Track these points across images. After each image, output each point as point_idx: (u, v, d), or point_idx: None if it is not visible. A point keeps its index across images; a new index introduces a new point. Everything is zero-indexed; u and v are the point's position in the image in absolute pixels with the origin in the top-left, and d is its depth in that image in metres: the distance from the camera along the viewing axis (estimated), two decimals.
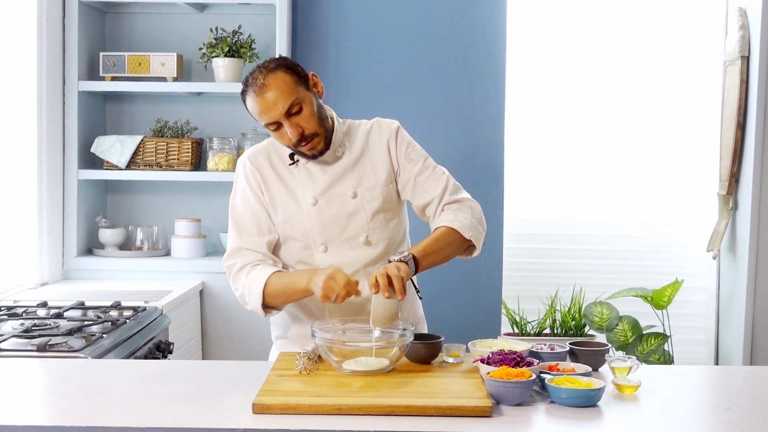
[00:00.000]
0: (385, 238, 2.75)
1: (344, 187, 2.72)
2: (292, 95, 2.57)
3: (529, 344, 2.51)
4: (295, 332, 2.80)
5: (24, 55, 3.94)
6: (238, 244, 2.72)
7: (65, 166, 4.26)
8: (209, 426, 2.00)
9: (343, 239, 2.71)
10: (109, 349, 2.88)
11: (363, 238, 2.72)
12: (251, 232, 2.72)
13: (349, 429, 1.98)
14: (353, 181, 2.72)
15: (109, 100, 4.61)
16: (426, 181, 2.78)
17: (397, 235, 2.80)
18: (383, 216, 2.74)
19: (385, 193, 2.75)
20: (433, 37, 4.57)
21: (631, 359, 2.35)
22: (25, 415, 2.13)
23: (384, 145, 2.77)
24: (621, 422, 2.09)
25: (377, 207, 2.73)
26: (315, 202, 2.70)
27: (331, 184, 2.71)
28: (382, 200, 2.73)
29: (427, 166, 2.80)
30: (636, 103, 5.03)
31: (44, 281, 4.06)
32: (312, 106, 2.61)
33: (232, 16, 4.50)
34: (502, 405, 2.16)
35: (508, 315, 4.85)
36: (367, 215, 2.72)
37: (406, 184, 2.78)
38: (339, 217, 2.70)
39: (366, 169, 2.74)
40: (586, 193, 5.07)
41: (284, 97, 2.56)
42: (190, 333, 4.02)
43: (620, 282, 4.93)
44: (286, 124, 2.58)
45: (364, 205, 2.72)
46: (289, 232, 2.72)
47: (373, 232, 2.73)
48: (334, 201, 2.70)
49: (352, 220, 2.71)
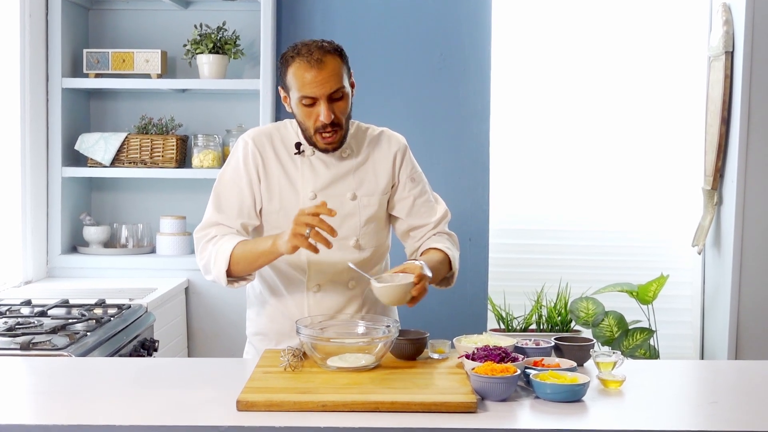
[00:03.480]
0: (374, 245, 2.77)
1: (344, 188, 2.73)
2: (340, 81, 2.62)
3: (515, 340, 2.51)
4: (270, 329, 2.80)
5: (6, 52, 3.92)
6: (215, 219, 2.73)
7: (49, 164, 4.24)
8: (194, 424, 1.99)
9: (334, 240, 2.67)
10: (94, 347, 2.87)
11: (353, 241, 2.73)
12: (231, 211, 2.72)
13: (334, 426, 1.98)
14: (354, 183, 2.74)
15: (93, 97, 4.59)
16: (424, 205, 2.84)
17: (383, 245, 2.83)
18: (375, 224, 2.77)
19: (382, 202, 2.77)
20: (418, 33, 4.57)
21: (616, 354, 2.36)
22: (9, 414, 2.12)
23: (390, 157, 2.80)
24: (606, 417, 2.09)
25: (372, 214, 2.75)
26: (314, 196, 2.70)
27: (332, 181, 2.73)
28: (377, 208, 2.76)
29: (428, 191, 2.88)
30: (621, 98, 5.04)
31: (28, 279, 4.04)
32: (348, 100, 2.67)
33: (216, 13, 4.49)
34: (487, 400, 2.16)
35: (494, 311, 4.85)
36: (362, 220, 2.74)
37: (402, 202, 2.81)
38: (335, 217, 2.66)
39: (368, 174, 2.76)
40: (572, 188, 5.07)
41: (336, 79, 2.61)
42: (176, 330, 4.01)
43: (606, 277, 4.94)
44: (324, 105, 2.61)
45: (360, 209, 2.73)
46: (282, 223, 2.70)
47: (363, 237, 2.74)
48: (332, 199, 2.69)
49: (346, 222, 2.71)
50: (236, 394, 2.13)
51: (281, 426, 1.97)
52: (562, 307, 4.82)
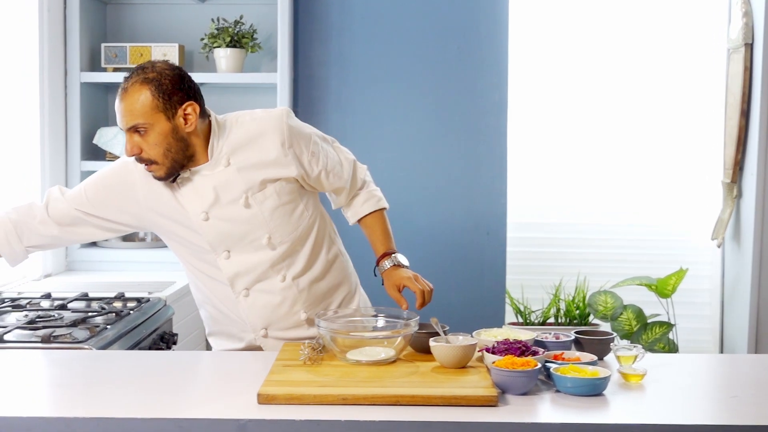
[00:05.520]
0: (290, 232, 2.65)
1: (233, 194, 2.60)
2: (140, 117, 2.49)
3: (534, 333, 2.51)
4: (218, 330, 2.80)
5: (26, 47, 3.93)
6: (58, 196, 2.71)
7: (68, 158, 4.25)
8: (215, 417, 1.99)
9: (245, 243, 2.63)
10: (114, 341, 2.88)
11: (265, 239, 2.63)
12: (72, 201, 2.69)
13: (354, 419, 1.98)
14: (241, 185, 2.60)
15: (111, 91, 4.59)
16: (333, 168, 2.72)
17: (303, 223, 2.69)
18: (282, 210, 2.64)
19: (278, 189, 2.62)
20: (435, 26, 4.56)
21: (637, 348, 2.35)
22: (30, 406, 2.13)
23: (276, 145, 2.61)
24: (627, 411, 2.08)
25: (273, 204, 2.62)
26: (206, 216, 2.60)
27: (217, 193, 2.60)
28: (276, 196, 2.62)
29: (327, 149, 2.72)
30: (639, 91, 5.01)
31: (48, 273, 4.06)
32: (160, 136, 2.50)
33: (233, 6, 4.48)
34: (508, 394, 2.15)
35: (512, 304, 4.84)
36: (265, 215, 2.62)
37: (317, 180, 2.70)
38: (235, 226, 2.61)
39: (254, 171, 2.60)
40: (590, 181, 5.05)
41: (132, 115, 2.49)
42: (194, 324, 4.01)
43: (625, 271, 4.92)
44: (126, 138, 2.53)
45: (258, 207, 2.61)
46: (187, 244, 2.66)
47: (275, 231, 2.63)
48: (226, 210, 2.60)
49: (249, 225, 2.61)
50: (255, 388, 2.14)
51: (302, 419, 1.97)
52: (580, 300, 4.80)
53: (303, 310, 2.69)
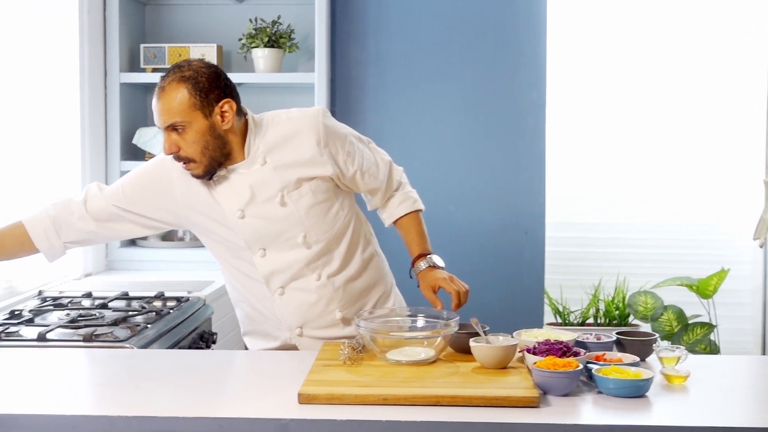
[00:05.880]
0: (325, 231, 2.65)
1: (269, 192, 2.60)
2: (178, 116, 2.50)
3: (575, 334, 2.49)
4: (254, 329, 2.80)
5: (66, 48, 3.96)
6: (97, 192, 2.72)
7: (107, 158, 4.29)
8: (256, 416, 1.99)
9: (281, 242, 2.63)
10: (154, 340, 2.89)
11: (301, 237, 2.63)
12: (110, 197, 2.70)
13: (395, 419, 1.97)
14: (277, 184, 2.60)
15: (150, 91, 4.62)
16: (369, 169, 2.72)
17: (339, 222, 2.68)
18: (318, 209, 2.64)
19: (314, 187, 2.63)
20: (473, 24, 4.54)
21: (680, 349, 2.32)
22: (75, 404, 2.15)
23: (312, 143, 2.61)
24: (670, 413, 2.06)
25: (309, 203, 2.62)
26: (242, 215, 2.61)
27: (254, 191, 2.60)
28: (312, 195, 2.62)
29: (363, 149, 2.73)
30: (680, 89, 4.97)
31: (88, 272, 4.09)
32: (198, 134, 2.51)
33: (271, 7, 4.49)
34: (549, 395, 2.13)
35: (551, 304, 4.81)
36: (300, 214, 2.62)
37: (352, 181, 2.70)
38: (272, 224, 2.61)
39: (289, 169, 2.60)
40: (629, 180, 5.01)
41: (170, 113, 2.50)
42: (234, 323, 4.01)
43: (665, 271, 4.88)
44: (164, 136, 2.54)
45: (294, 205, 2.61)
46: (224, 242, 2.67)
47: (311, 229, 2.62)
48: (262, 209, 2.61)
49: (285, 223, 2.61)
50: (294, 387, 2.14)
51: (343, 419, 1.97)
52: (620, 301, 4.77)
53: (338, 309, 2.69)
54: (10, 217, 3.29)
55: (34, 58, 3.68)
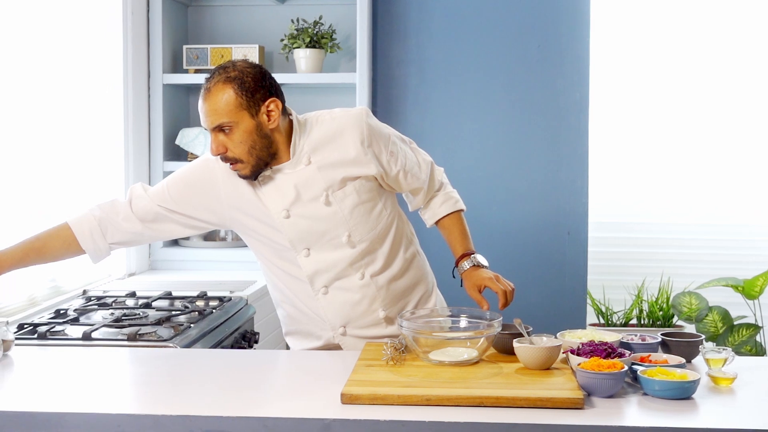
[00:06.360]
0: (369, 231, 2.66)
1: (314, 192, 2.61)
2: (225, 116, 2.51)
3: (620, 335, 2.46)
4: (297, 329, 2.80)
5: (110, 49, 4.00)
6: (141, 193, 2.74)
7: (151, 159, 4.32)
8: (298, 416, 2.00)
9: (325, 241, 2.63)
10: (197, 339, 2.91)
11: (345, 237, 2.63)
12: (155, 197, 2.72)
13: (438, 420, 1.96)
14: (322, 184, 2.61)
15: (193, 92, 4.66)
16: (411, 169, 2.73)
17: (382, 222, 2.69)
18: (362, 208, 2.65)
19: (358, 187, 2.63)
20: (515, 23, 4.52)
21: (726, 350, 2.29)
22: (120, 403, 2.17)
23: (357, 143, 2.62)
24: (717, 415, 2.03)
25: (353, 202, 2.63)
26: (287, 215, 2.61)
27: (298, 191, 2.61)
28: (356, 195, 2.63)
29: (405, 150, 2.74)
30: (725, 88, 4.91)
31: (132, 272, 4.13)
32: (245, 134, 2.52)
33: (313, 7, 4.50)
34: (594, 397, 2.12)
35: (594, 305, 4.78)
36: (345, 213, 2.62)
37: (395, 181, 2.71)
38: (315, 224, 2.61)
39: (334, 169, 2.61)
40: (673, 180, 4.96)
41: (216, 114, 2.51)
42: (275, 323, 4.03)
43: (709, 271, 4.82)
44: (211, 137, 2.54)
45: (338, 205, 2.62)
46: (268, 242, 2.68)
47: (355, 229, 2.63)
48: (306, 208, 2.61)
49: (330, 223, 2.62)
50: (337, 387, 2.14)
51: (386, 419, 1.97)
52: (664, 301, 4.72)
53: (381, 308, 2.69)
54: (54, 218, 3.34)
55: (78, 60, 3.72)
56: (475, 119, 4.57)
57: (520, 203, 4.55)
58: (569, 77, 4.51)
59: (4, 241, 2.75)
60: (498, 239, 4.45)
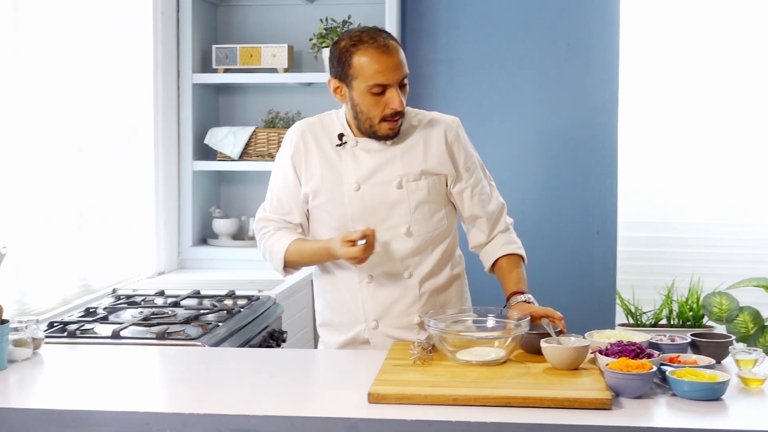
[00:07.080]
0: (427, 231, 2.69)
1: (389, 175, 2.66)
2: (407, 69, 2.61)
3: (648, 335, 2.44)
4: (333, 320, 2.79)
5: (141, 49, 4.03)
6: (265, 215, 2.79)
7: (180, 158, 4.35)
8: (326, 415, 2.00)
9: (384, 228, 2.65)
10: (225, 338, 2.92)
11: (404, 228, 2.66)
12: (281, 208, 2.76)
13: (465, 420, 1.96)
14: (400, 169, 2.66)
15: (222, 92, 4.68)
16: (480, 194, 2.76)
17: (440, 229, 2.72)
18: (427, 207, 2.68)
19: (430, 185, 2.68)
20: (544, 22, 4.50)
21: (757, 351, 2.26)
22: (148, 402, 2.17)
23: (442, 142, 2.71)
24: (747, 417, 2.01)
25: (421, 198, 2.67)
26: (358, 187, 2.66)
27: (376, 169, 2.66)
28: (426, 191, 2.67)
29: (482, 177, 2.80)
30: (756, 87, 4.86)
31: (161, 270, 4.15)
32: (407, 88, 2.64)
33: (341, 6, 4.51)
34: (622, 397, 2.10)
35: (623, 305, 4.75)
36: (411, 206, 2.66)
37: (461, 194, 2.75)
38: (381, 205, 2.65)
39: (416, 158, 2.68)
40: (703, 180, 4.93)
41: (403, 66, 2.59)
42: (303, 322, 4.05)
43: (740, 272, 4.78)
44: (397, 92, 2.57)
45: (408, 194, 2.66)
46: (330, 212, 2.70)
47: (415, 224, 2.67)
48: (377, 188, 2.66)
49: (394, 210, 2.66)
50: (364, 386, 2.14)
51: (413, 419, 1.96)
52: (693, 302, 4.68)
53: (417, 314, 2.70)
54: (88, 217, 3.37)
55: (109, 60, 3.75)
56: (503, 118, 4.56)
57: (550, 202, 4.53)
58: (599, 76, 4.49)
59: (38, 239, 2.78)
60: (527, 239, 4.40)
